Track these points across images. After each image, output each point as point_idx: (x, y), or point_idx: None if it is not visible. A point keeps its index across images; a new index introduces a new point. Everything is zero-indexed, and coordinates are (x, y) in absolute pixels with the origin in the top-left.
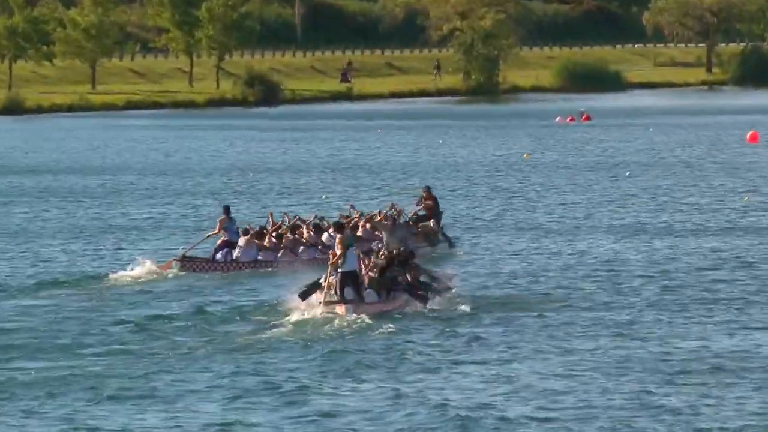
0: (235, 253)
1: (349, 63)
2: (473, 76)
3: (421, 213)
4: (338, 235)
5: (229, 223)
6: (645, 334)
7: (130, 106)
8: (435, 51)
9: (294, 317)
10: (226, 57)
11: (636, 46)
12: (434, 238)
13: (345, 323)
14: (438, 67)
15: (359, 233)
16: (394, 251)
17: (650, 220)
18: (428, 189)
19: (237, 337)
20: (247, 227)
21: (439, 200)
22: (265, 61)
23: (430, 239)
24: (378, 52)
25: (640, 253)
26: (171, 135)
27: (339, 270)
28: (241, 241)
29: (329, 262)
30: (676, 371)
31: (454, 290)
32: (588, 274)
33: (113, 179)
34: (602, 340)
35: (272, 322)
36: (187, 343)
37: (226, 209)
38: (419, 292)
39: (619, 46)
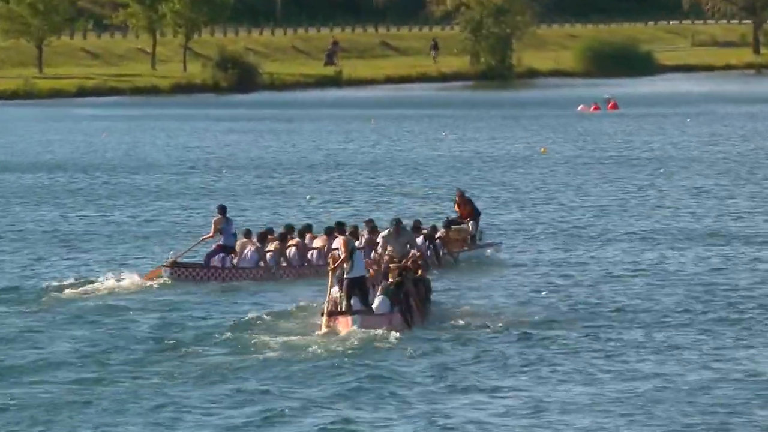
0: (235, 258)
1: (335, 42)
2: (482, 59)
3: (452, 217)
4: (341, 237)
5: (225, 225)
6: (691, 358)
7: (83, 92)
8: (438, 29)
9: (296, 333)
10: (195, 35)
11: (671, 23)
12: (470, 243)
13: (352, 339)
14: (435, 47)
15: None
16: (407, 262)
17: (691, 226)
18: (461, 193)
19: (230, 357)
20: (249, 230)
21: (454, 202)
22: (239, 40)
23: (463, 244)
24: (371, 29)
25: (682, 263)
26: (131, 126)
27: (346, 276)
28: (241, 244)
29: (329, 267)
30: (729, 401)
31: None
32: (622, 288)
33: (66, 177)
34: (641, 364)
35: (272, 338)
36: (171, 364)
37: (222, 209)
38: (410, 317)
39: (651, 23)
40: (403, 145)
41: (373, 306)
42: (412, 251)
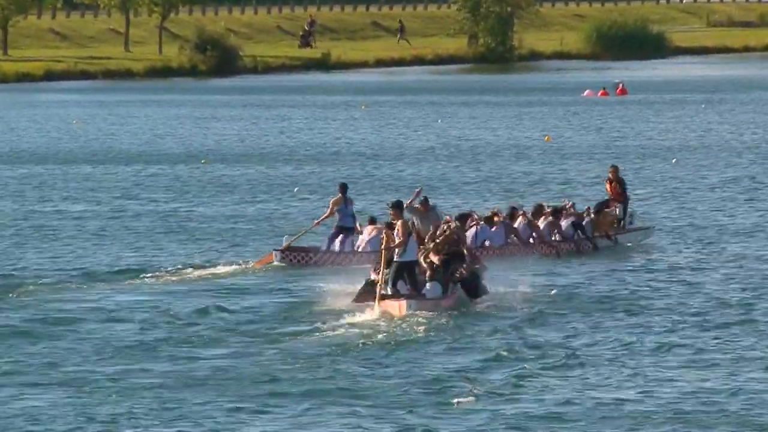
0: (357, 241)
1: (312, 22)
2: (481, 40)
3: (604, 200)
4: (400, 220)
5: (343, 205)
6: (724, 364)
7: (52, 75)
8: (433, 8)
9: (363, 317)
10: (171, 15)
11: (684, 1)
12: (616, 229)
13: (412, 323)
14: (402, 29)
15: (516, 225)
16: (443, 240)
17: (719, 220)
18: (615, 169)
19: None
20: (373, 217)
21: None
22: (219, 20)
23: (608, 230)
24: (361, 8)
25: (717, 261)
26: (103, 112)
27: (397, 259)
28: (368, 229)
29: (382, 246)
30: None
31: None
32: (662, 287)
33: (31, 169)
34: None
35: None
36: (274, 347)
37: (343, 187)
38: (473, 286)
39: (663, 2)
40: (397, 133)
41: (425, 290)
42: (446, 226)
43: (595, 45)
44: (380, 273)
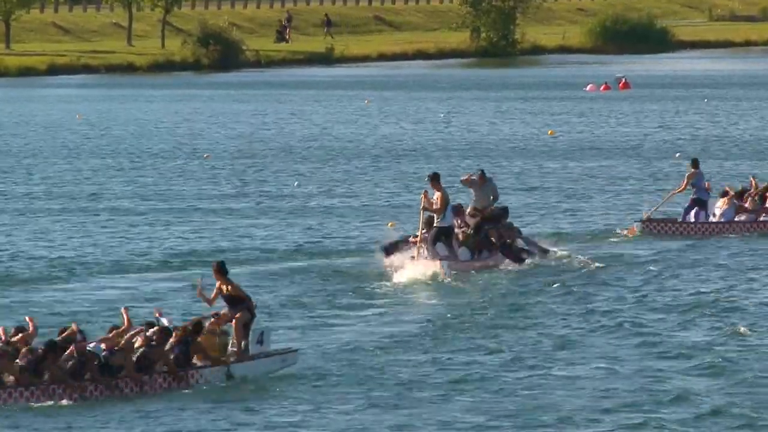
0: (711, 213)
1: (289, 18)
2: (483, 33)
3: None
4: (439, 192)
5: (697, 179)
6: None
7: (55, 69)
8: (435, 2)
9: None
10: (174, 9)
11: None
12: None
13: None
14: (328, 23)
15: (747, 205)
16: (485, 209)
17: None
18: None
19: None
20: (727, 188)
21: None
22: (222, 13)
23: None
24: (364, 3)
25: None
26: (105, 107)
27: (437, 225)
28: (719, 201)
29: (421, 206)
30: None
31: (552, 253)
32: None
33: (29, 162)
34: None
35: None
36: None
37: (694, 162)
38: (513, 253)
39: None
40: (400, 127)
41: (458, 254)
42: None
43: (598, 39)
44: (420, 237)
